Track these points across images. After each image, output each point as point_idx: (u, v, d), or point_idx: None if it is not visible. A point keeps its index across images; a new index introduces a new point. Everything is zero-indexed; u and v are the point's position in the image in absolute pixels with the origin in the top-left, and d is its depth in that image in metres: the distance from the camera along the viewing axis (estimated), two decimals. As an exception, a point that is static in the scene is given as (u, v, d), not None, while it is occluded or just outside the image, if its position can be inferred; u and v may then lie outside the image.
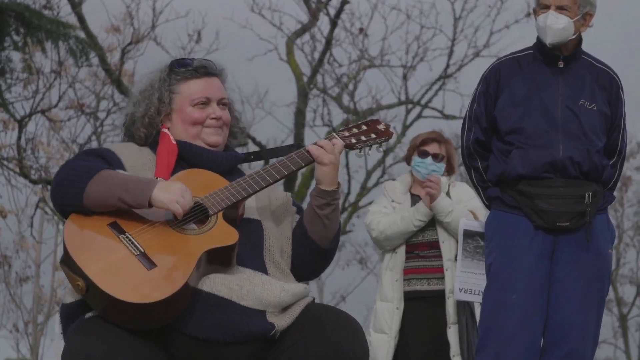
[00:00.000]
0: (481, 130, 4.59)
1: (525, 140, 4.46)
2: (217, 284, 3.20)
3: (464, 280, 5.40)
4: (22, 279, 20.20)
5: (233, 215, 3.35)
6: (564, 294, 4.43)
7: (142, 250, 3.16)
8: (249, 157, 3.65)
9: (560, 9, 4.47)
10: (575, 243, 4.44)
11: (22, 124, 12.39)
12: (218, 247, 3.21)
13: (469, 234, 5.48)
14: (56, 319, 3.65)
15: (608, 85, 4.57)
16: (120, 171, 3.36)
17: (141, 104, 3.53)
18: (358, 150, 3.63)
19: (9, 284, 19.97)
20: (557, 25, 4.45)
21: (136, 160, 3.44)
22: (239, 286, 3.21)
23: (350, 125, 3.67)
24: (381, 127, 3.68)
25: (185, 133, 3.49)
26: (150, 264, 3.13)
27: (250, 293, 3.21)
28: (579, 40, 4.59)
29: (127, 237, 3.19)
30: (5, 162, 12.66)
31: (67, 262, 3.16)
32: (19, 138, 12.52)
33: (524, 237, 4.44)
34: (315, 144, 3.50)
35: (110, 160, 3.39)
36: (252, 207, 3.47)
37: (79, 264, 3.11)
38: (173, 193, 3.20)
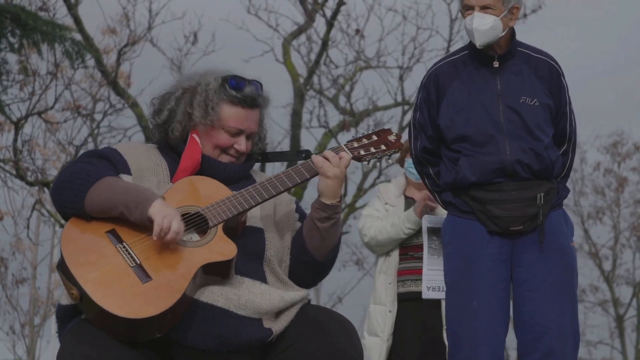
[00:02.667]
0: (427, 138, 4.47)
1: (472, 147, 4.34)
2: (214, 294, 3.18)
3: (431, 278, 5.33)
4: (18, 281, 20.14)
5: (234, 224, 3.33)
6: (532, 295, 4.33)
7: (139, 262, 3.14)
8: (257, 158, 3.62)
9: (484, 8, 4.32)
10: (534, 243, 4.34)
11: (18, 125, 12.38)
12: (215, 262, 3.20)
13: (432, 231, 5.40)
14: (52, 320, 3.66)
15: (547, 75, 4.44)
16: (123, 178, 3.32)
17: (195, 107, 3.45)
18: (366, 162, 3.56)
19: (6, 285, 19.93)
20: (483, 27, 4.30)
21: (143, 162, 3.40)
22: (237, 296, 3.20)
23: (360, 135, 3.60)
24: (392, 137, 3.61)
25: (207, 148, 3.46)
26: (145, 276, 3.12)
27: (249, 303, 3.20)
28: (511, 35, 4.46)
29: (124, 246, 3.18)
30: (1, 164, 12.66)
31: (63, 269, 3.16)
32: (15, 140, 12.50)
33: (479, 242, 4.35)
34: (321, 154, 3.45)
35: (116, 162, 3.35)
36: (255, 215, 3.44)
37: (74, 274, 3.11)
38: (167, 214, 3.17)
